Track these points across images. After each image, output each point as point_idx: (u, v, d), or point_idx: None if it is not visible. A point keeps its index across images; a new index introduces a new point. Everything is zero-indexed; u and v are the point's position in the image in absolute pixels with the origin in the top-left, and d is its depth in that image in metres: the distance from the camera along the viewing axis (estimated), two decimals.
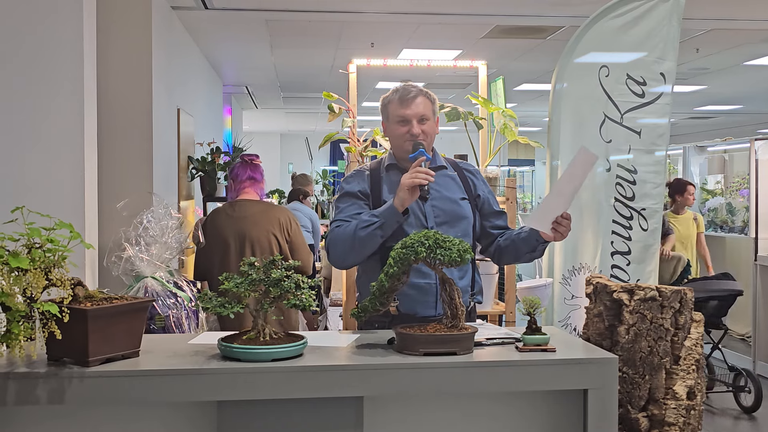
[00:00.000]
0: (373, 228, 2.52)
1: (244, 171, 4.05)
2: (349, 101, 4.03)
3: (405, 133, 2.65)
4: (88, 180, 3.23)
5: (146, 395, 1.98)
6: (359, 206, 2.66)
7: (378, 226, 2.51)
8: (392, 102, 2.69)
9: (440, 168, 2.74)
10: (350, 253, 2.61)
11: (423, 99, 2.67)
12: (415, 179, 2.47)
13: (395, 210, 2.51)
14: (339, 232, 2.60)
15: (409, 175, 2.50)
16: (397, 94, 2.68)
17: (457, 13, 6.05)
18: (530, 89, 10.59)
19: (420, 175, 2.47)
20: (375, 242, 2.55)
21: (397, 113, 2.67)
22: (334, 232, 2.63)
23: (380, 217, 2.52)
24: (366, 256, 2.62)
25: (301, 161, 17.78)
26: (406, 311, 2.50)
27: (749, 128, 15.07)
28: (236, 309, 2.08)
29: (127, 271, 3.02)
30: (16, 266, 1.90)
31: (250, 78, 9.85)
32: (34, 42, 3.14)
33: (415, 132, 2.63)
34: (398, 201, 2.51)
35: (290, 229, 3.96)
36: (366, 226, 2.53)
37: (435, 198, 2.64)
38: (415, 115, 2.64)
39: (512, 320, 3.79)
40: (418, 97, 2.66)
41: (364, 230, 2.53)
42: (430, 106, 2.68)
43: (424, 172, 2.48)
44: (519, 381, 2.12)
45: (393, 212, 2.51)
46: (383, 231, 2.52)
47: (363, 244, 2.55)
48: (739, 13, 6.08)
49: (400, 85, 2.72)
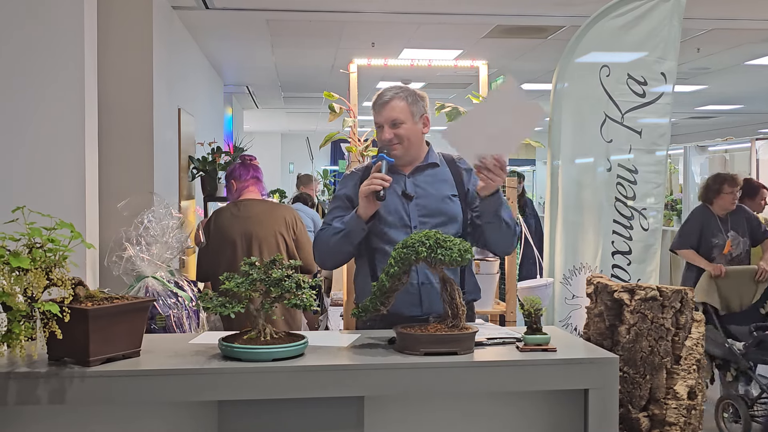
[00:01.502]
0: (340, 236, 2.61)
1: (247, 171, 4.05)
2: (350, 101, 4.03)
3: (379, 138, 2.69)
4: (88, 180, 3.23)
5: (147, 395, 1.98)
6: (344, 210, 2.70)
7: (344, 234, 2.60)
8: (372, 107, 2.72)
9: (431, 166, 2.74)
10: (328, 257, 2.73)
11: (398, 101, 2.65)
12: (369, 186, 2.52)
13: (358, 218, 2.57)
14: (320, 235, 2.71)
15: (365, 183, 2.55)
16: (374, 99, 2.70)
17: (457, 13, 6.05)
18: (531, 89, 10.58)
19: (375, 181, 2.52)
20: (346, 248, 2.64)
21: (374, 119, 2.71)
22: (317, 235, 2.74)
23: (346, 225, 2.60)
24: (344, 259, 2.74)
25: (301, 161, 17.78)
26: (393, 311, 2.50)
27: (750, 128, 15.06)
28: (237, 309, 2.08)
29: (127, 271, 3.02)
30: (17, 266, 1.90)
31: (251, 78, 9.85)
32: (35, 42, 3.14)
33: (386, 138, 2.65)
34: (361, 210, 2.57)
35: (296, 228, 3.96)
36: (336, 233, 2.63)
37: (420, 196, 2.64)
38: (387, 120, 2.65)
39: (513, 320, 3.79)
40: (392, 101, 2.65)
41: (334, 237, 2.63)
42: (406, 107, 2.65)
43: (379, 177, 2.53)
44: (520, 381, 2.12)
45: (356, 221, 2.57)
46: (350, 238, 2.60)
47: (336, 250, 2.66)
48: (740, 13, 6.07)
49: (380, 90, 2.72)
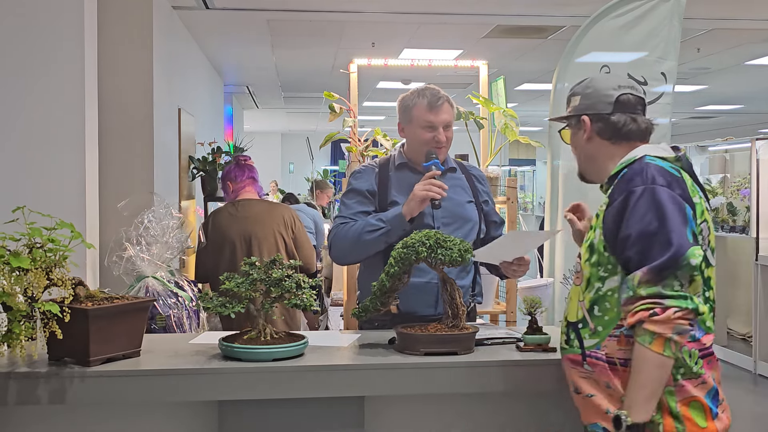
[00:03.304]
0: (379, 233, 2.55)
1: (242, 172, 4.05)
2: (350, 101, 4.03)
3: (430, 139, 2.64)
4: (89, 180, 3.23)
5: (147, 395, 1.98)
6: (365, 205, 2.67)
7: (384, 232, 2.54)
8: (418, 106, 2.65)
9: (450, 170, 2.75)
10: (352, 253, 2.65)
11: (448, 105, 2.67)
12: (428, 192, 2.49)
13: (403, 218, 2.53)
14: (344, 230, 2.62)
15: (422, 187, 2.51)
16: (425, 99, 2.64)
17: (458, 13, 6.05)
18: (531, 89, 10.59)
19: (434, 189, 2.49)
20: (379, 246, 2.58)
21: (424, 118, 2.64)
22: (338, 229, 2.64)
23: (387, 223, 2.54)
24: (367, 256, 2.64)
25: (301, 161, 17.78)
26: (406, 310, 2.50)
27: (750, 128, 15.06)
28: (237, 309, 2.08)
29: (128, 271, 3.02)
30: (17, 266, 1.90)
31: (251, 78, 9.85)
32: (36, 42, 3.14)
33: (441, 139, 2.64)
34: (407, 209, 2.53)
35: (294, 227, 3.96)
36: (372, 230, 2.55)
37: (443, 199, 2.64)
38: (443, 122, 2.64)
39: (513, 320, 3.79)
40: (445, 103, 2.66)
41: (370, 234, 2.56)
42: (452, 112, 2.69)
43: (437, 185, 2.50)
44: (520, 381, 2.13)
45: (401, 220, 2.53)
46: (388, 237, 2.54)
47: (367, 247, 2.59)
48: (740, 13, 6.07)
49: (424, 88, 2.69)
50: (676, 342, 1.71)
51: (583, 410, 1.92)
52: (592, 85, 2.06)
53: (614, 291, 1.84)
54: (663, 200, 1.79)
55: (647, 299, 1.73)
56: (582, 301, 1.89)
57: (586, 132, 2.04)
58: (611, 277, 1.84)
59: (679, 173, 1.88)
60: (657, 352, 1.70)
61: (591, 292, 1.87)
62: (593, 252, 1.88)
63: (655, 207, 1.78)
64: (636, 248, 1.77)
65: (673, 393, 1.78)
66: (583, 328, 1.88)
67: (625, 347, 1.80)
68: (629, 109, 2.01)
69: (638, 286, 1.74)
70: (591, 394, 1.87)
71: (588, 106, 2.04)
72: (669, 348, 1.70)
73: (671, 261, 1.73)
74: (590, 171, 2.09)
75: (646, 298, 1.73)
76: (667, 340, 1.70)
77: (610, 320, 1.84)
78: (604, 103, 2.01)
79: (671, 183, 1.83)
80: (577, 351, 1.90)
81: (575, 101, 2.08)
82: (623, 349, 1.80)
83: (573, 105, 2.09)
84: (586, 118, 2.03)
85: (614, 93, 2.01)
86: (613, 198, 1.87)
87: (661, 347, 1.70)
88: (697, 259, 1.74)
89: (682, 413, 1.77)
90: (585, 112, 2.04)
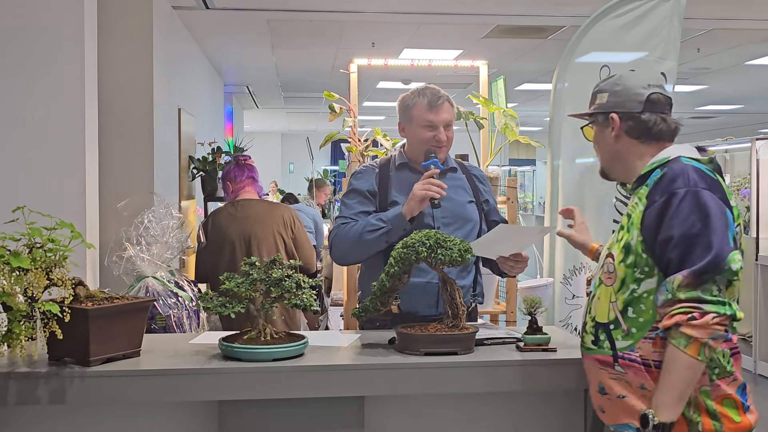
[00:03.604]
0: (380, 233, 2.55)
1: (242, 172, 4.05)
2: (350, 101, 4.03)
3: (431, 138, 2.64)
4: (89, 180, 3.23)
5: (147, 395, 1.98)
6: (366, 205, 2.67)
7: (385, 231, 2.55)
8: (418, 105, 2.66)
9: (451, 170, 2.75)
10: (353, 253, 2.66)
11: (448, 105, 2.67)
12: (428, 192, 2.49)
13: (403, 218, 2.53)
14: (345, 230, 2.62)
15: (421, 186, 2.51)
16: (425, 98, 2.65)
17: (458, 13, 6.05)
18: (531, 89, 10.59)
19: (433, 188, 2.50)
20: (380, 246, 2.58)
21: (424, 117, 2.64)
22: (339, 229, 2.65)
23: (388, 223, 2.55)
24: (369, 256, 2.65)
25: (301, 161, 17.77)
26: (407, 310, 2.50)
27: (750, 128, 15.06)
28: (237, 309, 2.08)
29: (128, 271, 3.02)
30: (17, 266, 1.90)
31: (251, 78, 9.85)
32: (35, 42, 3.14)
33: (442, 138, 2.64)
34: (407, 209, 2.53)
35: (294, 227, 3.96)
36: (373, 230, 2.56)
37: (443, 200, 2.64)
38: (443, 121, 2.64)
39: (513, 320, 3.78)
40: (445, 102, 2.66)
41: (370, 234, 2.56)
42: (452, 111, 2.70)
43: (437, 185, 2.50)
44: (520, 381, 2.13)
45: (401, 220, 2.53)
46: (389, 237, 2.55)
47: (368, 247, 2.59)
48: (740, 13, 6.07)
49: (424, 87, 2.69)
50: (711, 347, 1.73)
51: (609, 411, 1.92)
52: (621, 82, 2.03)
53: (650, 293, 1.83)
54: (707, 203, 1.78)
55: (686, 303, 1.73)
56: (614, 302, 1.88)
57: (614, 130, 2.00)
58: (647, 279, 1.83)
59: (715, 176, 1.88)
60: (691, 356, 1.72)
61: (625, 294, 1.86)
62: (629, 253, 1.86)
63: (698, 210, 1.78)
64: (677, 250, 1.77)
65: (709, 393, 1.80)
66: (615, 329, 1.87)
67: (660, 349, 1.80)
68: (659, 109, 1.99)
69: (678, 289, 1.75)
70: (623, 395, 1.86)
71: (617, 104, 2.00)
72: (703, 352, 1.72)
73: (712, 265, 1.73)
74: (616, 170, 2.06)
75: (684, 301, 1.74)
76: (702, 345, 1.71)
77: (644, 322, 1.83)
78: (635, 101, 1.99)
79: (711, 186, 1.83)
80: (607, 352, 1.89)
81: (602, 98, 2.04)
82: (658, 351, 1.81)
83: (600, 102, 2.05)
84: (615, 117, 2.00)
85: (644, 92, 1.99)
86: (652, 199, 1.85)
87: (696, 351, 1.72)
88: (738, 264, 1.75)
89: (718, 411, 1.79)
90: (614, 110, 2.00)
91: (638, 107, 1.98)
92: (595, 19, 3.94)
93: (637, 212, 1.88)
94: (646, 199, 1.87)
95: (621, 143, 2.01)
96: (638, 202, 1.90)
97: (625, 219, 1.92)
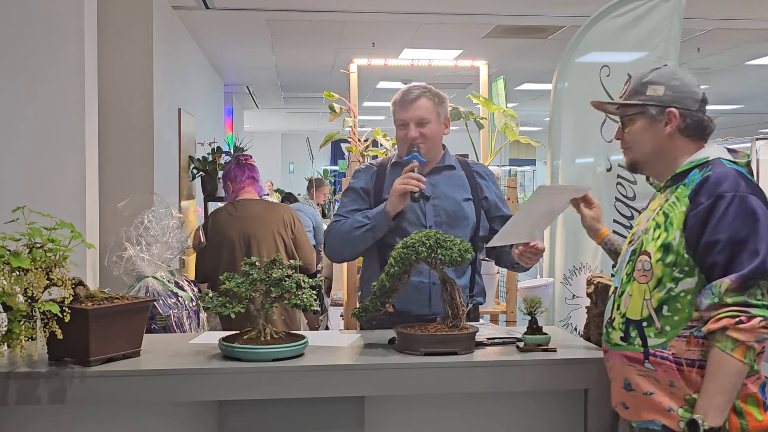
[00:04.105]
0: (364, 230, 2.60)
1: (242, 171, 4.05)
2: (350, 101, 4.03)
3: (404, 136, 2.66)
4: (89, 180, 3.23)
5: (147, 395, 1.98)
6: (359, 203, 2.71)
7: (369, 228, 2.59)
8: (395, 104, 2.70)
9: (448, 168, 2.74)
10: (344, 249, 2.71)
11: (425, 100, 2.65)
12: (405, 186, 2.51)
13: (387, 214, 2.56)
14: (336, 227, 2.68)
15: (400, 181, 2.54)
16: (400, 96, 2.68)
17: (458, 13, 6.05)
18: (531, 89, 10.59)
19: (411, 181, 2.51)
20: (367, 242, 2.63)
21: (397, 116, 2.68)
22: (332, 226, 2.71)
23: (372, 219, 2.59)
24: (360, 252, 2.71)
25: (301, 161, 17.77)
26: (400, 309, 2.51)
27: (750, 128, 15.06)
28: (237, 309, 2.08)
29: (128, 271, 3.02)
30: (17, 266, 1.90)
31: (251, 78, 9.85)
32: (36, 42, 3.14)
33: (411, 136, 2.64)
34: (390, 206, 2.56)
35: (294, 227, 3.96)
36: (359, 227, 2.60)
37: (437, 197, 2.64)
38: (413, 118, 2.64)
39: (513, 320, 3.79)
40: (419, 99, 2.65)
41: (357, 230, 2.61)
42: (432, 107, 2.66)
43: (415, 177, 2.52)
44: (520, 381, 2.13)
45: (384, 216, 2.57)
46: (374, 233, 2.59)
47: (356, 243, 2.64)
48: (740, 13, 6.07)
49: (406, 87, 2.71)
50: (755, 350, 1.75)
51: (634, 407, 1.92)
52: (678, 77, 1.99)
53: (687, 293, 1.83)
54: (754, 209, 1.79)
55: (732, 307, 1.75)
56: (649, 299, 1.87)
57: (670, 126, 1.97)
58: (687, 279, 1.83)
59: (754, 180, 1.89)
60: (738, 359, 1.73)
61: (661, 292, 1.85)
62: (669, 252, 1.85)
63: (744, 215, 1.78)
64: (724, 254, 1.77)
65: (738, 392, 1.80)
66: (648, 326, 1.87)
67: (694, 348, 1.81)
68: (705, 109, 1.99)
69: (725, 293, 1.75)
70: (650, 392, 1.86)
71: (676, 99, 1.97)
72: (748, 355, 1.74)
73: (758, 271, 1.75)
74: (655, 165, 2.02)
75: (731, 305, 1.75)
76: (748, 348, 1.73)
77: (679, 321, 1.83)
78: (692, 99, 1.97)
79: (755, 191, 1.84)
80: (638, 349, 1.88)
81: (657, 90, 1.98)
82: (692, 350, 1.81)
83: (655, 95, 1.98)
84: (675, 112, 1.96)
85: (699, 91, 1.98)
86: (698, 201, 1.84)
87: (743, 354, 1.73)
88: None
89: (744, 409, 1.80)
90: (673, 104, 1.96)
91: (695, 105, 1.97)
92: (595, 19, 3.94)
93: (676, 212, 1.88)
94: (688, 200, 1.86)
95: (672, 139, 1.98)
96: (676, 201, 1.89)
97: (661, 217, 1.91)
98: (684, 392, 1.82)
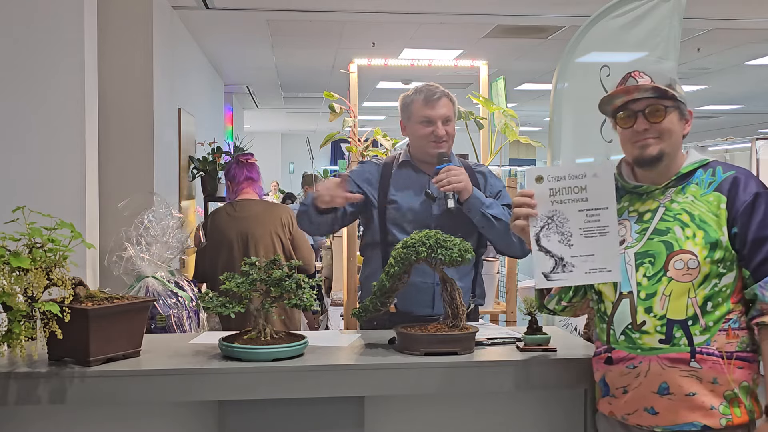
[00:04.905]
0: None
1: (241, 171, 4.06)
2: (350, 101, 4.03)
3: (429, 134, 2.66)
4: (89, 180, 3.23)
5: (147, 395, 1.98)
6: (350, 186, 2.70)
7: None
8: (416, 102, 2.69)
9: None
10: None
11: (446, 101, 2.69)
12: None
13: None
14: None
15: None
16: (422, 95, 2.68)
17: (458, 13, 6.05)
18: (531, 89, 10.59)
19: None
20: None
21: (421, 113, 2.67)
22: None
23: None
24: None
25: (301, 161, 17.78)
26: (403, 309, 2.51)
27: (750, 128, 15.06)
28: (237, 309, 2.08)
29: (128, 271, 3.02)
30: (17, 266, 1.90)
31: (251, 78, 9.85)
32: (36, 42, 3.14)
33: (440, 133, 2.65)
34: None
35: (292, 227, 3.97)
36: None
37: (442, 197, 2.64)
38: (440, 116, 2.65)
39: (513, 320, 3.78)
40: (442, 98, 2.67)
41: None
42: (452, 107, 2.70)
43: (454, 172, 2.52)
44: (520, 381, 2.12)
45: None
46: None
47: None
48: (740, 13, 6.07)
49: (422, 85, 2.71)
50: None
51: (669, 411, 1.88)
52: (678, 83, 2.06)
53: (728, 287, 1.89)
54: None
55: None
56: (694, 297, 1.88)
57: (688, 126, 2.04)
58: (728, 274, 1.89)
59: None
60: None
61: (706, 289, 1.88)
62: (716, 249, 1.88)
63: None
64: None
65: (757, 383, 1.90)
66: (693, 324, 1.87)
67: (732, 340, 1.87)
68: None
69: None
70: (692, 392, 1.86)
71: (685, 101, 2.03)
72: None
73: None
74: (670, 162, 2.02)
75: None
76: None
77: (720, 315, 1.88)
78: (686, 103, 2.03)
79: None
80: (684, 349, 1.87)
81: (681, 90, 2.03)
82: (731, 342, 1.87)
83: (681, 93, 2.02)
84: (691, 113, 2.05)
85: None
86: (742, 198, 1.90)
87: None
88: None
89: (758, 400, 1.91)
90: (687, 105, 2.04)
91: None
92: (595, 19, 3.94)
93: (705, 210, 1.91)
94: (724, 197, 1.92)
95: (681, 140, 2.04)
96: (695, 200, 1.94)
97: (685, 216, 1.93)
98: (725, 388, 1.85)
